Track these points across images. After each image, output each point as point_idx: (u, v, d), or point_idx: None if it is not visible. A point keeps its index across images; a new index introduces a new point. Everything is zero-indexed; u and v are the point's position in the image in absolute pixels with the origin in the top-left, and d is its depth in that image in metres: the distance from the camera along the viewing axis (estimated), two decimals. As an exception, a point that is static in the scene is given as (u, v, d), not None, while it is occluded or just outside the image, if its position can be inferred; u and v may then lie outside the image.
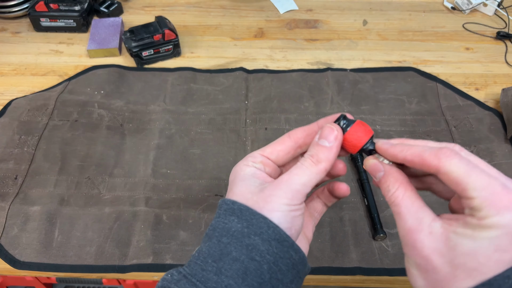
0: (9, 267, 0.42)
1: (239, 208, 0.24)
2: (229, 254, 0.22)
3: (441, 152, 0.21)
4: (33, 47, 0.66)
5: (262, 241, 0.23)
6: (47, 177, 0.48)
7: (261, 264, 0.22)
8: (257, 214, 0.23)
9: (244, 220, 0.23)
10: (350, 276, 0.42)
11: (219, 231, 0.23)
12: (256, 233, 0.23)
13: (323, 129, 0.26)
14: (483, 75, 0.62)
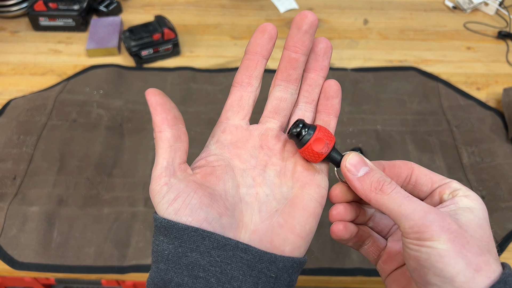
0: (7, 268, 0.41)
1: (164, 226, 0.20)
2: (171, 281, 0.20)
3: (407, 162, 0.24)
4: (31, 47, 0.65)
5: (201, 256, 0.20)
6: (46, 177, 0.48)
7: (207, 279, 0.20)
8: (186, 227, 0.20)
9: (174, 239, 0.20)
10: (350, 277, 0.41)
11: (155, 256, 0.21)
12: (192, 249, 0.20)
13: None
14: (484, 74, 0.62)
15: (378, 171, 0.22)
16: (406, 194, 0.21)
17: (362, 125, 0.54)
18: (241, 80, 0.26)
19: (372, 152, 0.51)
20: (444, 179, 0.23)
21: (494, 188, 0.47)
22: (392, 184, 0.21)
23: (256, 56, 0.24)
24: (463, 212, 0.21)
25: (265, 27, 0.24)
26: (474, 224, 0.20)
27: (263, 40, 0.24)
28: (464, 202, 0.21)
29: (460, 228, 0.19)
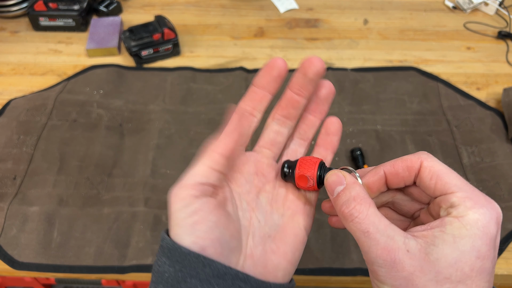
0: (8, 268, 0.41)
1: (168, 247, 0.20)
2: None
3: (419, 153, 0.22)
4: (31, 47, 0.65)
5: (200, 283, 0.19)
6: (46, 177, 0.48)
7: None
8: (188, 252, 0.20)
9: (176, 262, 0.20)
10: (351, 277, 0.41)
11: (155, 276, 0.21)
12: (191, 275, 0.20)
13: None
14: (484, 74, 0.62)
15: (349, 191, 0.21)
16: (365, 228, 0.20)
17: (362, 125, 0.54)
18: (244, 110, 0.25)
19: (372, 152, 0.51)
20: (447, 188, 0.20)
21: (494, 188, 0.47)
22: (354, 211, 0.20)
23: (262, 91, 0.25)
24: (442, 243, 0.19)
25: (275, 63, 0.24)
26: (446, 262, 0.18)
27: (271, 77, 0.24)
28: (453, 226, 0.19)
29: (412, 273, 0.18)
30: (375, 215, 0.20)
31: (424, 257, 0.18)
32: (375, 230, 0.20)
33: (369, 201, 0.21)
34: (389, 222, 0.20)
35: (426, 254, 0.19)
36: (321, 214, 0.45)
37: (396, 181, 0.23)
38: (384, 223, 0.20)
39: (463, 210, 0.19)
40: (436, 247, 0.18)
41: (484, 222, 0.19)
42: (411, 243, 0.19)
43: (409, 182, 0.22)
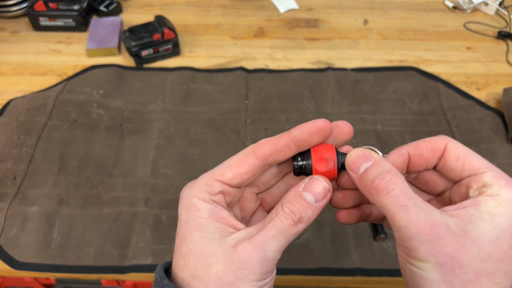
0: (8, 268, 0.41)
1: (157, 282, 0.20)
2: None
3: (441, 136, 0.21)
4: (31, 47, 0.65)
5: None
6: (46, 177, 0.48)
7: None
8: None
9: None
10: (350, 277, 0.41)
11: None
12: None
13: (311, 181, 0.21)
14: (484, 74, 0.62)
15: (380, 166, 0.20)
16: (404, 202, 0.18)
17: (362, 125, 0.54)
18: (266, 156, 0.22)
19: (372, 152, 0.51)
20: (477, 168, 0.20)
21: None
22: (391, 184, 0.19)
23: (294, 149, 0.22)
24: (480, 220, 0.18)
25: (323, 127, 0.21)
26: (487, 239, 0.18)
27: (313, 140, 0.22)
28: (488, 205, 0.18)
29: (457, 249, 0.18)
30: (410, 190, 0.19)
31: (464, 234, 0.18)
32: (414, 204, 0.18)
33: (402, 176, 0.20)
34: (422, 199, 0.19)
35: (465, 231, 0.18)
36: (321, 214, 0.45)
37: (419, 163, 0.22)
38: (420, 198, 0.19)
39: (497, 188, 0.19)
40: (475, 224, 0.18)
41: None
42: (448, 220, 0.18)
43: (431, 165, 0.22)
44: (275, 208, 0.21)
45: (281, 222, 0.20)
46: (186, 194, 0.21)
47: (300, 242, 0.43)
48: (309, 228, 0.44)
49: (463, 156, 0.20)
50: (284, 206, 0.21)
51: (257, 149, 0.22)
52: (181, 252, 0.21)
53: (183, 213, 0.21)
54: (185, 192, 0.22)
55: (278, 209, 0.21)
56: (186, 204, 0.21)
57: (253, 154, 0.22)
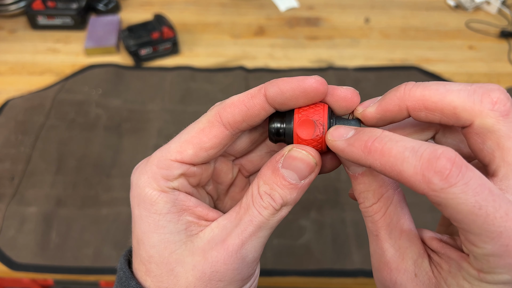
0: (5, 269, 0.41)
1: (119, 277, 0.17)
2: None
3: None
4: (30, 46, 0.65)
5: None
6: (44, 177, 0.47)
7: None
8: None
9: None
10: (352, 278, 0.41)
11: None
12: None
13: (291, 154, 0.16)
14: (486, 74, 0.61)
15: (372, 179, 0.16)
16: (377, 230, 0.15)
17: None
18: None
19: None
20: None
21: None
22: (380, 205, 0.15)
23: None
24: (456, 286, 0.14)
25: (313, 90, 0.16)
26: None
27: (297, 103, 0.17)
28: (470, 274, 0.14)
29: None
30: (390, 217, 0.15)
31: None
32: (385, 237, 0.15)
33: (390, 192, 0.15)
34: (408, 228, 0.15)
35: (436, 287, 0.14)
36: (322, 214, 0.44)
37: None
38: (399, 230, 0.15)
39: (491, 266, 0.13)
40: (448, 286, 0.14)
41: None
42: (423, 266, 0.15)
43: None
44: (249, 191, 0.17)
45: (259, 213, 0.16)
46: (137, 182, 0.16)
47: (300, 244, 0.43)
48: (309, 229, 0.44)
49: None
50: (261, 189, 0.16)
51: (224, 114, 0.17)
52: (140, 257, 0.16)
53: (135, 208, 0.16)
54: (135, 178, 0.17)
55: (253, 192, 0.16)
56: (138, 196, 0.16)
57: (218, 121, 0.17)
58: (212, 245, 0.16)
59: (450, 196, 0.12)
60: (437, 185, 0.12)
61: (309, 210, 0.44)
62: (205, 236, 0.16)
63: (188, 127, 0.17)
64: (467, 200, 0.12)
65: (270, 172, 0.16)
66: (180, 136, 0.17)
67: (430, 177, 0.12)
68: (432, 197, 0.12)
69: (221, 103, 0.17)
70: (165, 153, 0.16)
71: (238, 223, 0.16)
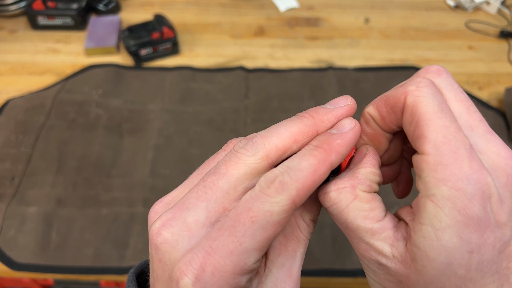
0: (6, 269, 0.41)
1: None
2: None
3: (411, 80, 0.15)
4: (30, 46, 0.65)
5: None
6: (44, 177, 0.48)
7: None
8: None
9: None
10: (351, 278, 0.41)
11: None
12: None
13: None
14: (486, 74, 0.61)
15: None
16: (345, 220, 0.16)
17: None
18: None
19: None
20: (421, 143, 0.14)
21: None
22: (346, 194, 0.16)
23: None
24: (423, 242, 0.14)
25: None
26: (435, 270, 0.13)
27: None
28: (429, 213, 0.14)
29: (400, 282, 0.14)
30: (358, 211, 0.15)
31: (410, 265, 0.14)
32: (354, 229, 0.15)
33: (355, 192, 0.16)
34: (379, 217, 0.15)
35: (411, 260, 0.14)
36: (322, 214, 0.44)
37: (385, 125, 0.17)
38: (370, 222, 0.15)
39: (433, 185, 0.13)
40: (420, 249, 0.14)
41: (464, 200, 0.13)
42: (399, 245, 0.15)
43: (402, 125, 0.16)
44: (293, 222, 0.18)
45: (307, 239, 0.18)
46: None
47: (300, 243, 0.43)
48: (309, 229, 0.44)
49: (416, 120, 0.14)
50: (306, 219, 0.18)
51: (298, 200, 0.15)
52: None
53: None
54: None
55: (300, 223, 0.18)
56: None
57: (294, 208, 0.15)
58: (282, 283, 0.16)
59: (422, 96, 0.14)
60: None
61: (309, 210, 0.44)
62: (268, 281, 0.16)
63: (257, 216, 0.14)
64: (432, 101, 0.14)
65: (313, 201, 0.18)
66: (254, 233, 0.14)
67: (409, 85, 0.15)
68: (406, 101, 0.15)
69: (283, 178, 0.15)
70: (245, 259, 0.14)
71: (295, 256, 0.17)
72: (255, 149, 0.16)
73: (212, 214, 0.15)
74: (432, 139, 0.14)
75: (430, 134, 0.14)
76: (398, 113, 0.16)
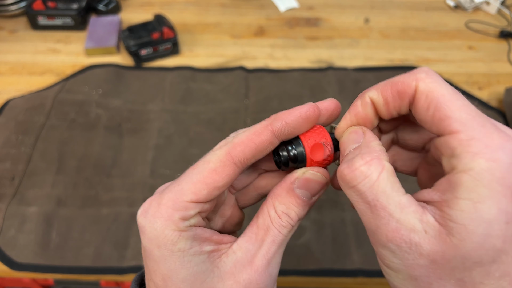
0: (6, 269, 0.41)
1: None
2: None
3: (418, 70, 0.16)
4: (30, 46, 0.65)
5: None
6: (44, 177, 0.48)
7: None
8: None
9: None
10: (351, 278, 0.41)
11: None
12: None
13: (306, 175, 0.18)
14: (486, 74, 0.61)
15: (362, 148, 0.17)
16: (373, 198, 0.15)
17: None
18: None
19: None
20: (447, 125, 0.14)
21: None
22: (375, 168, 0.15)
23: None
24: (461, 216, 0.13)
25: (312, 114, 0.18)
26: (474, 243, 0.13)
27: (301, 130, 0.18)
28: (466, 187, 0.13)
29: (434, 261, 0.14)
30: (387, 182, 0.15)
31: (445, 239, 0.14)
32: (386, 202, 0.15)
33: (383, 163, 0.15)
34: (403, 191, 0.15)
35: (447, 234, 0.14)
36: (321, 214, 0.44)
37: (387, 111, 0.17)
38: (397, 189, 0.15)
39: (470, 159, 0.13)
40: (457, 224, 0.13)
41: (502, 171, 0.13)
42: (429, 219, 0.14)
43: (404, 111, 0.17)
44: (265, 212, 0.18)
45: (279, 233, 0.18)
46: (152, 226, 0.17)
47: (300, 243, 0.43)
48: (309, 229, 0.44)
49: (434, 104, 0.15)
50: (278, 210, 0.18)
51: (235, 153, 0.17)
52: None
53: (154, 250, 0.17)
54: (148, 223, 0.17)
55: (271, 213, 0.18)
56: (156, 239, 0.16)
57: (230, 160, 0.17)
58: (240, 268, 0.17)
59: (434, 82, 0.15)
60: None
61: (309, 210, 0.44)
62: (228, 260, 0.18)
63: (196, 166, 0.18)
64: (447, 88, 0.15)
65: (285, 193, 0.18)
66: (191, 176, 0.17)
67: (417, 72, 0.16)
68: (420, 86, 0.15)
69: (227, 142, 0.18)
70: (179, 195, 0.17)
71: (261, 244, 0.18)
72: (226, 141, 0.19)
73: None
74: (458, 118, 0.14)
75: (454, 113, 0.14)
76: (404, 99, 0.16)
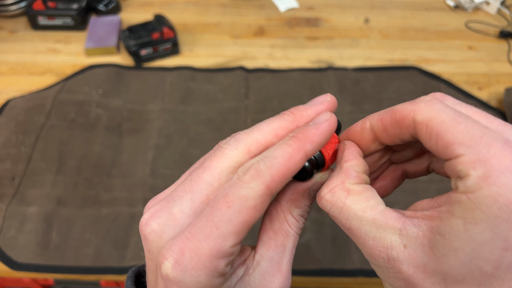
0: (6, 269, 0.41)
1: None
2: None
3: (418, 99, 0.16)
4: (30, 46, 0.65)
5: None
6: (45, 177, 0.48)
7: None
8: None
9: None
10: (351, 278, 0.41)
11: None
12: None
13: (322, 180, 0.19)
14: (486, 74, 0.61)
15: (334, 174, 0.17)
16: (346, 222, 0.16)
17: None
18: None
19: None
20: (452, 150, 0.14)
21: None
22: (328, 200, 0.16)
23: None
24: (450, 232, 0.13)
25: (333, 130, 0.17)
26: (457, 260, 0.13)
27: None
28: (463, 207, 0.13)
29: (414, 274, 0.14)
30: (356, 204, 0.16)
31: (428, 251, 0.14)
32: (358, 226, 0.15)
33: (347, 187, 0.16)
34: (379, 206, 0.15)
35: (430, 247, 0.14)
36: (321, 214, 0.44)
37: (387, 137, 0.17)
38: (372, 213, 0.15)
39: (473, 182, 0.13)
40: (443, 237, 0.13)
41: (507, 197, 0.12)
42: (409, 232, 0.14)
43: (407, 139, 0.17)
44: (281, 217, 0.18)
45: (297, 235, 0.18)
46: (196, 280, 0.14)
47: (300, 243, 0.43)
48: (309, 229, 0.44)
49: (435, 132, 0.14)
50: (294, 214, 0.18)
51: (273, 185, 0.15)
52: None
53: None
54: (189, 277, 0.14)
55: (288, 218, 0.18)
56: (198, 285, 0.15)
57: (269, 194, 0.15)
58: (270, 278, 0.17)
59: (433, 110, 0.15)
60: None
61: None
62: (256, 273, 0.17)
63: (232, 203, 0.15)
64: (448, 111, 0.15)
65: (301, 196, 0.18)
66: (230, 218, 0.15)
67: (416, 102, 0.16)
68: (418, 116, 0.15)
69: (258, 165, 0.15)
70: (222, 242, 0.15)
71: (284, 250, 0.18)
72: (237, 143, 0.17)
73: (196, 204, 0.16)
74: (461, 141, 0.14)
75: (457, 138, 0.14)
76: (403, 128, 0.16)
